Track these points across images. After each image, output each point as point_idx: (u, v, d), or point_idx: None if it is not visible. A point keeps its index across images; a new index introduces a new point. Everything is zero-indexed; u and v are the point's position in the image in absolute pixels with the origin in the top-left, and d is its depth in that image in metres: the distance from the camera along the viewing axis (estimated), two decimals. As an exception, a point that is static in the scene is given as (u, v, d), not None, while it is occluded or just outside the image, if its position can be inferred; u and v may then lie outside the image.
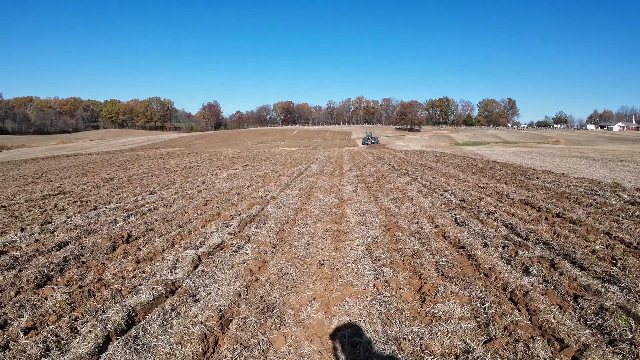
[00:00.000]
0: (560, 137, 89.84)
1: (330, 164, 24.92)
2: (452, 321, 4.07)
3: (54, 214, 9.97)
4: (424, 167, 21.19)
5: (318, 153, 39.78)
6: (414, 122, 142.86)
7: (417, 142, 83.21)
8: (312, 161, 27.13)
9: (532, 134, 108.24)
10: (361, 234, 7.37)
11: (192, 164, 26.24)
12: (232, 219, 8.88)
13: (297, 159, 30.30)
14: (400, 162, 24.99)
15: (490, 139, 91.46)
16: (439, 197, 11.37)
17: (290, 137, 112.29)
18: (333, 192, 12.76)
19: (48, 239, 7.48)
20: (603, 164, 22.25)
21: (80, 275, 5.45)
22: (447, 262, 5.83)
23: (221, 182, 15.61)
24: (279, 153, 41.06)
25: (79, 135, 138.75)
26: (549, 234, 7.30)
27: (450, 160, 25.47)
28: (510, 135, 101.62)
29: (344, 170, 19.89)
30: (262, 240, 6.96)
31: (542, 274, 5.39)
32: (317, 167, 22.31)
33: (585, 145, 55.95)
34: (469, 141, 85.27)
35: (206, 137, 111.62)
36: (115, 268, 5.71)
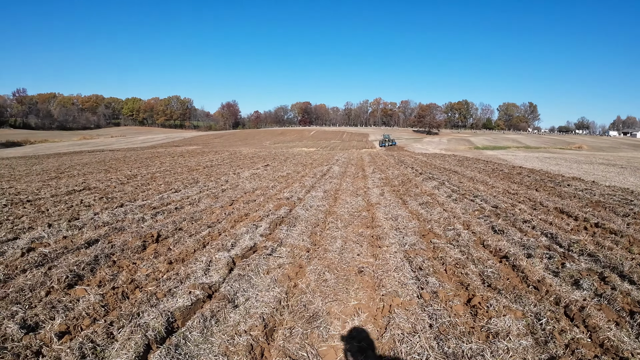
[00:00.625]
0: (583, 143, 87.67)
1: (351, 165, 24.65)
2: (511, 338, 3.81)
3: (81, 210, 9.98)
4: (449, 171, 20.77)
5: (337, 154, 39.53)
6: (432, 125, 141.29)
7: (435, 145, 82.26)
8: (333, 162, 26.90)
9: (553, 139, 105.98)
10: (397, 240, 7.11)
11: (212, 162, 26.31)
12: (260, 220, 8.73)
13: (317, 159, 30.11)
14: (422, 165, 24.58)
15: (511, 143, 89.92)
16: (470, 203, 11.03)
17: (307, 137, 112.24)
18: (359, 194, 12.52)
19: (76, 235, 7.43)
20: (632, 172, 21.51)
21: (112, 275, 5.34)
22: (493, 273, 5.54)
23: (244, 182, 15.51)
24: (297, 153, 40.96)
25: (101, 131, 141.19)
26: (592, 245, 6.96)
27: (475, 165, 24.94)
28: (531, 140, 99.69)
29: (367, 172, 19.60)
30: (295, 243, 6.77)
31: (593, 287, 5.12)
32: (339, 168, 22.07)
33: (610, 153, 54.42)
34: (488, 145, 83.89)
35: (225, 136, 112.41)
36: (148, 269, 5.60)
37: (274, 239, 7.10)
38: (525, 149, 71.71)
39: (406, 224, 8.46)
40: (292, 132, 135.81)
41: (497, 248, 6.80)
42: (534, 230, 8.07)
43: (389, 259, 5.97)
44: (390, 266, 5.64)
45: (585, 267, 5.86)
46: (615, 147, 74.69)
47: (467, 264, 5.87)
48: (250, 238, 7.03)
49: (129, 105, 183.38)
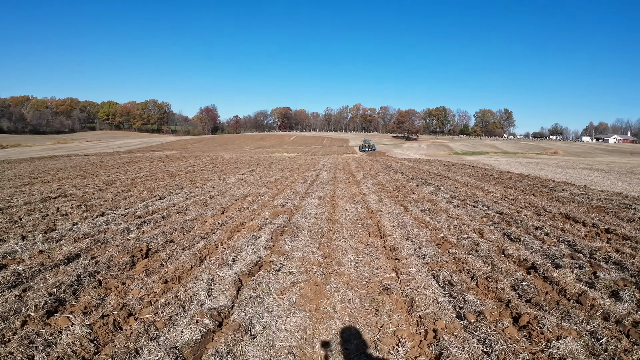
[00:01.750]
0: (558, 148, 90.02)
1: (339, 171, 24.13)
2: (579, 365, 3.29)
3: (57, 219, 9.10)
4: (439, 176, 20.49)
5: (322, 160, 38.98)
6: (411, 131, 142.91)
7: (416, 151, 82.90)
8: (320, 168, 26.33)
9: (529, 145, 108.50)
10: (413, 251, 6.57)
11: (194, 167, 25.34)
12: (258, 230, 8.06)
13: (303, 165, 29.48)
14: (411, 170, 24.28)
15: (489, 149, 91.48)
16: (474, 209, 10.63)
17: (288, 142, 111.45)
18: (357, 201, 11.97)
19: (54, 250, 6.61)
20: (617, 176, 21.75)
21: (99, 299, 4.58)
22: (528, 287, 5.05)
23: (232, 188, 14.75)
24: (281, 159, 40.21)
25: (75, 136, 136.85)
26: (614, 253, 6.62)
27: (462, 170, 24.81)
28: (508, 146, 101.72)
29: (358, 178, 19.10)
30: (304, 257, 6.15)
31: (634, 299, 4.77)
32: (327, 174, 21.51)
33: (586, 158, 55.76)
34: (467, 151, 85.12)
35: (204, 141, 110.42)
36: (140, 290, 4.86)
37: (280, 252, 6.45)
38: (504, 154, 73.01)
39: (417, 232, 7.94)
40: (272, 137, 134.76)
41: (521, 258, 6.35)
42: (548, 237, 7.69)
43: (412, 273, 5.41)
44: (417, 282, 5.08)
45: (617, 277, 5.49)
46: (590, 153, 76.84)
47: (497, 277, 5.37)
48: (254, 251, 6.35)
49: (105, 109, 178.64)
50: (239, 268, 5.55)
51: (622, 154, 71.15)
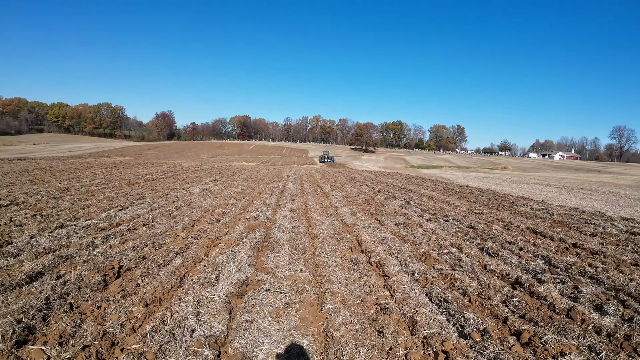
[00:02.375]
0: (508, 164, 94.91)
1: (305, 182, 23.96)
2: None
3: (12, 231, 8.28)
4: (404, 189, 20.84)
5: (285, 170, 38.65)
6: (369, 144, 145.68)
7: (374, 163, 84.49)
8: (285, 178, 26.04)
9: (481, 160, 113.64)
10: (401, 268, 6.53)
11: (153, 175, 24.22)
12: (236, 245, 7.72)
13: (267, 175, 29.05)
14: (375, 183, 24.56)
15: (443, 163, 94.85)
16: (446, 223, 10.82)
17: (247, 151, 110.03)
18: (331, 214, 11.85)
19: (14, 267, 5.96)
20: (569, 191, 23.09)
21: (75, 326, 4.12)
22: (519, 303, 5.13)
23: (198, 199, 14.18)
24: (242, 168, 39.46)
25: (22, 138, 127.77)
26: (588, 267, 6.92)
27: (424, 184, 25.42)
28: (461, 160, 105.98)
29: (326, 190, 19.03)
30: (292, 275, 5.91)
31: (618, 312, 5.02)
32: (294, 185, 21.28)
33: (535, 173, 59.07)
34: (423, 164, 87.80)
35: (159, 148, 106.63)
36: (119, 314, 4.42)
37: (265, 269, 6.17)
38: (457, 168, 75.94)
39: (399, 247, 7.93)
40: (231, 145, 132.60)
41: (504, 273, 6.47)
42: (523, 252, 7.94)
43: (406, 291, 5.33)
44: (414, 300, 5.00)
45: (597, 291, 5.74)
46: (538, 168, 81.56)
47: (488, 293, 5.42)
48: (238, 269, 6.03)
49: (55, 111, 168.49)
50: (225, 288, 5.23)
51: (568, 170, 76.13)
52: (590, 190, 24.10)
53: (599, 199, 19.16)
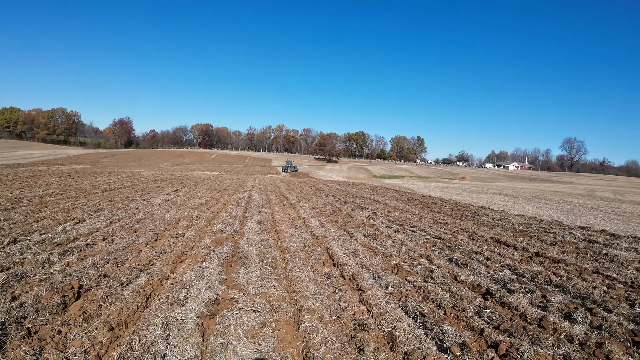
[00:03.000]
0: (466, 174, 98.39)
1: (270, 192, 23.65)
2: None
3: (-44, 247, 7.59)
4: (369, 200, 21.02)
5: (249, 180, 38.08)
6: (332, 154, 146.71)
7: (337, 173, 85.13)
8: (249, 189, 25.61)
9: (440, 170, 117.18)
10: (374, 281, 6.48)
11: (110, 185, 23.08)
12: (203, 260, 7.41)
13: (231, 185, 28.47)
14: (341, 193, 24.64)
15: (404, 173, 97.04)
16: (413, 234, 10.94)
17: (208, 160, 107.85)
18: (299, 226, 11.69)
19: (-41, 287, 5.43)
20: (525, 201, 24.11)
21: (34, 354, 3.76)
22: (493, 314, 5.19)
23: (160, 211, 13.60)
24: (204, 178, 38.52)
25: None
26: (552, 276, 7.15)
27: (389, 194, 25.78)
28: (421, 171, 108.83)
29: (292, 201, 18.84)
30: (265, 292, 5.68)
31: (587, 320, 5.22)
32: (260, 196, 20.94)
33: (492, 183, 61.46)
34: (385, 174, 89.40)
35: (116, 156, 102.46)
36: (82, 340, 4.06)
37: (237, 286, 5.92)
38: (418, 178, 77.83)
39: (370, 260, 7.88)
40: (192, 154, 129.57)
41: (474, 283, 6.56)
42: (490, 262, 8.12)
43: (382, 305, 5.26)
44: (390, 315, 4.93)
45: (564, 300, 5.93)
46: (494, 178, 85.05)
47: (461, 305, 5.45)
48: (207, 287, 5.75)
49: (5, 116, 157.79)
50: (195, 308, 4.94)
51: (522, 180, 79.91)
52: (545, 200, 25.28)
53: (554, 208, 20.12)
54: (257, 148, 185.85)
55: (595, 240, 10.83)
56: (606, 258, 8.82)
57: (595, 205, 22.60)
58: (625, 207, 21.94)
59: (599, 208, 20.90)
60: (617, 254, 9.14)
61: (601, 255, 9.06)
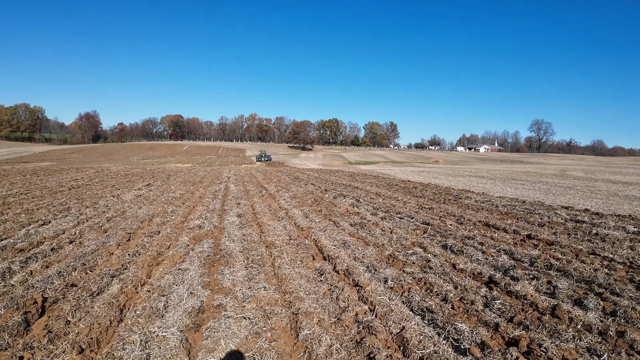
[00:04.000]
0: (439, 157, 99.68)
1: (247, 183, 22.91)
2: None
3: None
4: (350, 187, 20.61)
5: (223, 171, 37.04)
6: (306, 141, 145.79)
7: (313, 161, 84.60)
8: (225, 180, 24.75)
9: (413, 155, 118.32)
10: (371, 275, 6.03)
11: (78, 182, 21.76)
12: (182, 261, 6.78)
13: (206, 177, 27.50)
14: (320, 181, 24.15)
15: (379, 158, 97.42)
16: (401, 221, 10.58)
17: (180, 152, 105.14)
18: (282, 217, 11.13)
19: None
20: (502, 182, 24.28)
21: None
22: (502, 305, 4.84)
23: (132, 207, 12.74)
24: (177, 170, 37.24)
25: None
26: (552, 260, 6.90)
27: (368, 180, 25.47)
28: (395, 156, 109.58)
29: (271, 191, 18.20)
30: (255, 294, 5.12)
31: (599, 306, 4.92)
32: (237, 187, 20.18)
33: (465, 166, 62.33)
34: (360, 160, 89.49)
35: (84, 151, 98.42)
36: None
37: (222, 290, 5.33)
38: (393, 163, 78.20)
39: (362, 251, 7.43)
40: (163, 146, 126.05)
41: (475, 272, 6.21)
42: (484, 247, 7.84)
43: (385, 303, 4.81)
44: (396, 314, 4.49)
45: (570, 285, 5.66)
46: (466, 161, 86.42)
47: (468, 297, 5.07)
48: (189, 292, 5.14)
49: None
50: (177, 319, 4.34)
51: (493, 161, 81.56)
52: (521, 181, 25.55)
53: (532, 189, 20.26)
54: (229, 138, 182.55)
55: (582, 220, 10.76)
56: (597, 238, 8.70)
57: (570, 184, 22.97)
58: (600, 185, 22.38)
59: (574, 187, 21.21)
60: (608, 233, 9.04)
61: (592, 235, 8.93)
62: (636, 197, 16.90)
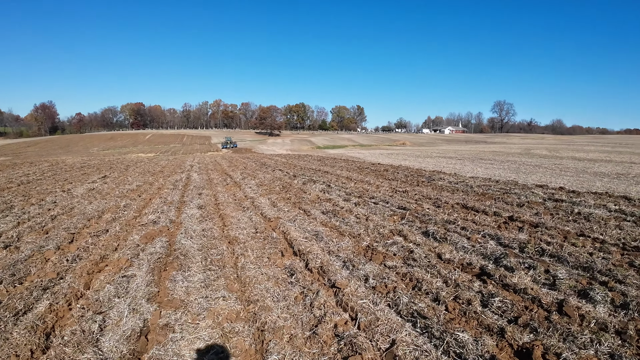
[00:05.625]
0: (405, 140, 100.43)
1: (212, 171, 21.64)
2: None
3: None
4: (320, 171, 19.80)
5: (187, 159, 35.32)
6: (273, 127, 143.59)
7: (281, 146, 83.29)
8: (188, 169, 23.34)
9: (381, 138, 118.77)
10: (349, 272, 5.24)
11: (29, 177, 19.78)
12: (129, 265, 5.78)
13: (167, 166, 25.94)
14: (288, 167, 23.19)
15: (347, 142, 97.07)
16: (376, 206, 9.89)
17: (143, 142, 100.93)
18: (247, 207, 10.18)
19: None
20: (471, 162, 24.14)
21: None
22: (502, 303, 4.21)
23: (82, 202, 11.40)
24: (138, 160, 35.22)
25: None
26: (543, 244, 6.40)
27: (338, 164, 24.74)
28: (363, 139, 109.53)
29: (236, 178, 17.11)
30: (212, 306, 4.22)
31: (607, 298, 4.38)
32: (200, 176, 18.93)
33: (432, 147, 62.82)
34: (329, 145, 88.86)
35: (40, 144, 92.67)
36: None
37: (172, 302, 4.39)
38: (361, 147, 78.04)
39: (337, 243, 6.64)
40: (125, 136, 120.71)
41: (464, 262, 5.57)
42: (467, 232, 7.28)
43: (370, 309, 4.03)
44: (383, 323, 3.72)
45: (570, 274, 5.15)
46: (432, 142, 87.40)
47: (463, 295, 4.39)
48: (132, 308, 4.18)
49: None
50: (114, 347, 3.41)
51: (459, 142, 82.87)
52: (489, 160, 25.55)
53: (502, 168, 20.14)
54: (194, 125, 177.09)
55: (560, 198, 10.43)
56: (581, 217, 8.30)
57: (538, 162, 23.09)
58: (566, 163, 22.60)
59: (542, 165, 21.28)
60: (590, 212, 8.67)
61: (575, 215, 8.55)
62: (604, 173, 17.00)
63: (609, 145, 50.66)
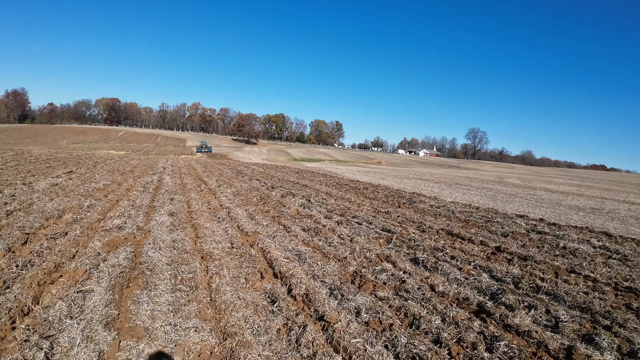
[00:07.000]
0: (381, 159, 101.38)
1: (185, 175, 20.72)
2: None
3: None
4: (298, 184, 19.29)
5: (160, 160, 34.06)
6: (251, 135, 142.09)
7: (257, 155, 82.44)
8: (159, 171, 22.32)
9: (357, 155, 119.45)
10: (338, 302, 4.73)
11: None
12: (87, 277, 5.08)
13: (138, 166, 24.80)
14: (265, 177, 22.56)
15: (324, 156, 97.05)
16: (360, 226, 9.46)
17: (115, 138, 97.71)
18: (223, 218, 9.53)
19: None
20: (448, 187, 24.23)
21: None
22: (507, 348, 3.79)
23: (42, 199, 10.41)
24: (108, 157, 33.73)
25: None
26: (537, 280, 6.12)
27: (316, 178, 24.31)
28: (339, 155, 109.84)
29: (211, 185, 16.35)
30: (181, 339, 3.61)
31: (613, 345, 4.10)
32: (172, 179, 18.02)
33: (407, 168, 63.47)
34: (305, 157, 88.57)
35: (7, 132, 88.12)
36: None
37: (134, 330, 3.75)
38: (337, 162, 78.15)
39: (322, 267, 6.11)
40: (96, 131, 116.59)
41: (460, 296, 5.18)
42: (457, 262, 6.93)
43: (364, 352, 3.53)
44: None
45: (571, 315, 4.81)
46: (407, 163, 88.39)
47: (464, 337, 3.96)
48: (85, 336, 3.51)
49: None
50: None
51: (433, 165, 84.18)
52: (466, 186, 25.71)
53: (478, 194, 20.20)
54: (170, 127, 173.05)
55: (543, 230, 10.33)
56: (568, 252, 8.13)
57: (513, 192, 23.39)
58: (540, 194, 22.95)
59: (518, 195, 21.52)
60: (576, 247, 8.52)
61: (561, 249, 8.38)
62: (579, 207, 17.24)
63: (576, 179, 52.44)
